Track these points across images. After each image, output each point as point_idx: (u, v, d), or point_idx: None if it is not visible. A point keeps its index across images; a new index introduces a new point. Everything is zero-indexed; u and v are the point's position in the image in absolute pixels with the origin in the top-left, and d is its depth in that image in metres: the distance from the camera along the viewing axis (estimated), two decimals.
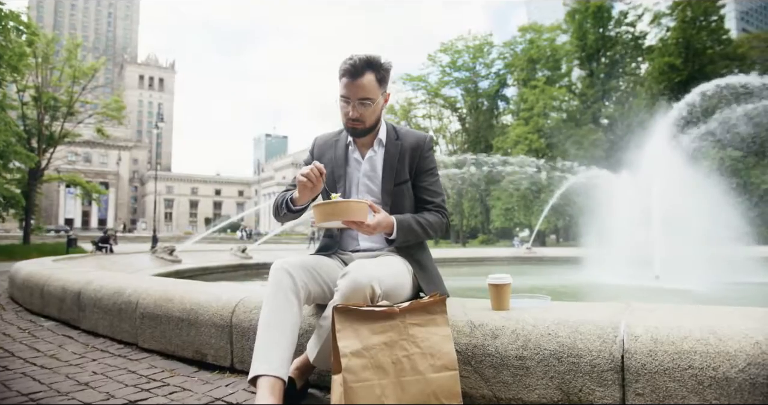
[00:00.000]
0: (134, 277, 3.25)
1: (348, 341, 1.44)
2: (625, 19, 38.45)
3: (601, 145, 35.76)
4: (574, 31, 39.28)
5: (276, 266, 1.71)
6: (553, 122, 37.84)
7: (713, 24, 34.13)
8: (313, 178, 1.69)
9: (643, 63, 39.03)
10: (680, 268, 8.98)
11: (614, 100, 39.49)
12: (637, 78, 38.08)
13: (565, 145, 35.88)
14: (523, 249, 20.53)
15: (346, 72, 1.77)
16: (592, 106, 38.88)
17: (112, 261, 9.98)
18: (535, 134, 37.36)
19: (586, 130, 36.28)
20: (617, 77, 38.93)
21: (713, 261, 9.10)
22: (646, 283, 9.02)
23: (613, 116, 38.46)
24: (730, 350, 1.30)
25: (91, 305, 2.97)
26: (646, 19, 38.69)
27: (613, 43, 38.42)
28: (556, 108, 39.29)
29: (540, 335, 1.53)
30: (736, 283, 7.93)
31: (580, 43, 38.78)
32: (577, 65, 40.94)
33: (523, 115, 39.06)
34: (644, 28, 39.04)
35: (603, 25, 38.41)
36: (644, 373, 1.37)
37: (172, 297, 2.50)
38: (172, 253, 11.66)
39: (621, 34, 38.62)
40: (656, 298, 7.82)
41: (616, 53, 38.55)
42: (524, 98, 39.44)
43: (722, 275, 8.29)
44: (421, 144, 1.98)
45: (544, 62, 40.92)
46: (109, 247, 19.59)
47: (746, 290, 7.64)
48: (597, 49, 38.83)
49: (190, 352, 2.35)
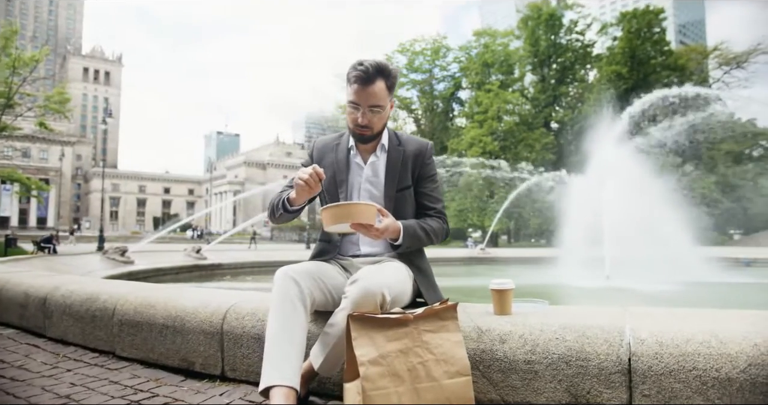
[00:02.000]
0: (108, 282, 3.11)
1: (365, 349, 1.44)
2: (575, 27, 39.94)
3: (552, 148, 36.98)
4: (527, 38, 40.46)
5: (281, 273, 1.68)
6: (506, 125, 38.79)
7: (656, 36, 35.99)
8: (312, 183, 1.68)
9: (591, 70, 40.67)
10: (629, 269, 9.40)
11: (564, 105, 40.92)
12: (586, 84, 39.62)
13: (518, 148, 36.90)
14: (477, 250, 20.90)
15: (358, 78, 1.76)
16: (544, 110, 40.13)
17: (61, 262, 9.50)
18: (489, 137, 38.17)
19: (538, 134, 37.43)
20: (567, 83, 40.40)
21: (660, 262, 9.58)
22: (598, 283, 9.38)
23: (563, 121, 39.86)
24: (731, 352, 1.38)
25: (59, 312, 2.82)
26: (595, 28, 40.32)
27: (563, 50, 39.80)
28: (510, 111, 40.28)
29: (548, 340, 1.57)
30: (681, 283, 8.34)
31: (533, 49, 39.98)
32: (529, 70, 42.18)
33: (477, 117, 39.82)
34: (593, 37, 40.66)
35: (554, 32, 39.74)
36: (651, 374, 1.43)
37: (155, 303, 2.41)
38: (124, 254, 11.21)
39: (571, 41, 40.09)
40: (607, 297, 8.15)
41: (566, 60, 39.96)
42: (479, 101, 40.23)
43: (668, 275, 8.72)
44: (423, 151, 2.00)
45: (498, 66, 41.88)
46: (52, 247, 18.67)
47: (690, 289, 8.05)
48: (548, 56, 40.13)
49: (175, 361, 2.27)
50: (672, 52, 36.90)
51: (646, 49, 35.15)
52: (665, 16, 37.09)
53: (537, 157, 35.27)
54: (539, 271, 11.60)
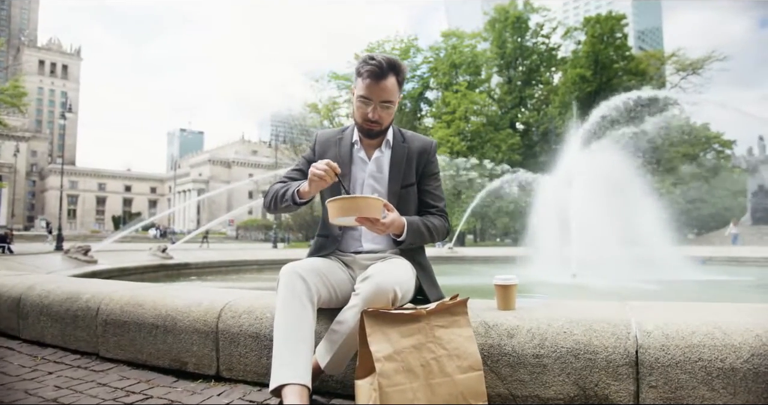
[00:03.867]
0: (89, 281, 2.99)
1: (380, 345, 1.43)
2: (541, 30, 40.72)
3: (518, 149, 37.63)
4: (494, 40, 41.01)
5: (288, 270, 1.65)
6: (473, 126, 39.21)
7: (618, 41, 37.03)
8: (327, 178, 1.66)
9: (556, 73, 41.51)
10: (595, 267, 9.64)
11: (530, 106, 41.66)
12: (551, 87, 40.41)
13: (484, 149, 37.39)
14: (445, 249, 21.05)
15: (371, 73, 1.75)
16: (510, 111, 40.77)
17: (19, 262, 9.09)
18: (456, 137, 38.50)
19: (505, 135, 37.99)
20: (533, 85, 41.16)
21: (625, 260, 9.87)
22: (565, 281, 9.59)
23: (528, 122, 40.60)
24: (735, 343, 1.43)
25: (36, 312, 2.70)
26: (560, 32, 41.23)
27: (529, 53, 40.53)
28: (477, 112, 40.71)
29: (556, 334, 1.59)
30: (645, 281, 8.60)
31: (500, 51, 40.55)
32: (496, 72, 42.75)
33: (445, 118, 40.10)
34: (558, 41, 41.55)
35: (521, 35, 40.41)
36: (657, 366, 1.47)
37: (142, 302, 2.33)
38: (87, 253, 10.82)
39: (537, 44, 40.85)
40: (575, 294, 8.34)
41: (532, 62, 40.71)
42: (446, 102, 40.52)
43: (633, 273, 8.98)
44: (428, 148, 2.01)
45: (466, 67, 42.26)
46: (6, 246, 17.84)
47: (654, 287, 8.31)
48: (515, 58, 40.79)
49: (166, 361, 2.20)
50: (633, 57, 38.04)
51: (609, 54, 36.14)
52: (627, 22, 38.23)
53: (503, 158, 35.77)
54: (507, 269, 11.78)
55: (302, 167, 2.04)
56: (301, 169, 2.04)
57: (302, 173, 2.03)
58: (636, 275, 8.85)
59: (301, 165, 2.05)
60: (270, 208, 1.94)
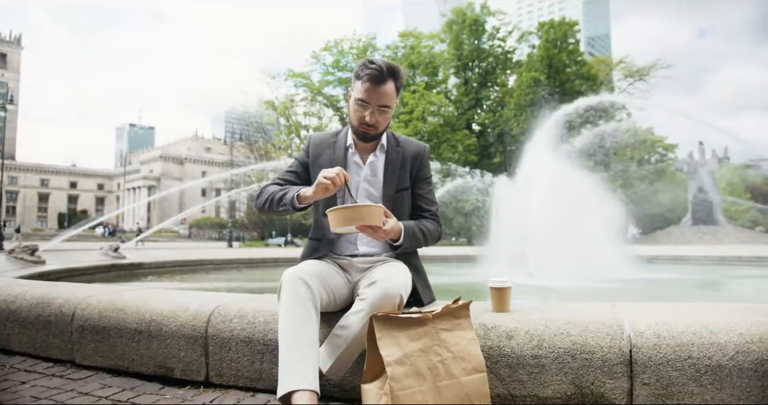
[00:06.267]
0: (61, 285, 2.85)
1: (390, 349, 1.44)
2: (498, 33, 41.62)
3: (474, 149, 38.32)
4: (452, 41, 41.62)
5: (291, 275, 1.64)
6: (430, 126, 39.65)
7: (571, 46, 38.33)
8: (338, 184, 1.66)
9: (511, 75, 42.50)
10: (552, 267, 9.93)
11: (486, 108, 42.49)
12: (507, 89, 41.36)
13: (441, 149, 37.86)
14: None
15: (371, 77, 1.75)
16: (467, 112, 41.47)
17: None
18: (414, 137, 38.84)
19: (461, 135, 38.59)
20: (489, 87, 42.01)
21: (582, 260, 10.20)
22: (521, 281, 9.83)
23: (484, 123, 41.39)
24: (721, 341, 1.52)
25: (2, 318, 2.56)
26: (515, 35, 42.21)
27: (486, 55, 41.35)
28: (434, 113, 41.18)
29: (553, 335, 1.65)
30: (600, 280, 8.92)
31: (457, 53, 41.19)
32: (453, 73, 43.37)
33: (403, 118, 40.37)
34: (513, 44, 42.54)
35: (477, 37, 41.18)
36: (650, 364, 1.55)
37: (123, 307, 2.25)
38: (34, 253, 10.28)
39: (493, 47, 41.73)
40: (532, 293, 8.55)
41: (488, 64, 41.55)
42: (404, 102, 40.81)
43: (589, 273, 9.30)
44: (422, 153, 2.03)
45: (423, 68, 42.68)
46: None
47: (610, 286, 8.63)
48: (472, 59, 41.52)
49: (150, 367, 2.14)
50: (585, 62, 39.49)
51: (562, 58, 37.38)
52: (579, 28, 39.59)
53: (459, 158, 36.35)
54: (463, 269, 11.95)
55: (296, 169, 2.03)
56: (295, 170, 2.03)
57: (296, 175, 2.01)
58: (590, 274, 9.16)
59: (294, 166, 2.04)
60: (263, 209, 1.91)
